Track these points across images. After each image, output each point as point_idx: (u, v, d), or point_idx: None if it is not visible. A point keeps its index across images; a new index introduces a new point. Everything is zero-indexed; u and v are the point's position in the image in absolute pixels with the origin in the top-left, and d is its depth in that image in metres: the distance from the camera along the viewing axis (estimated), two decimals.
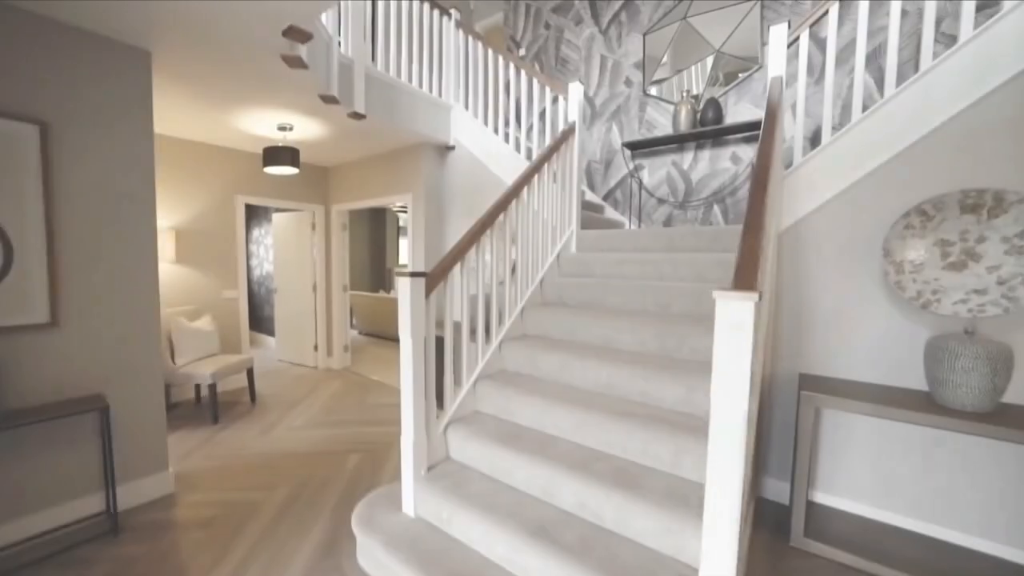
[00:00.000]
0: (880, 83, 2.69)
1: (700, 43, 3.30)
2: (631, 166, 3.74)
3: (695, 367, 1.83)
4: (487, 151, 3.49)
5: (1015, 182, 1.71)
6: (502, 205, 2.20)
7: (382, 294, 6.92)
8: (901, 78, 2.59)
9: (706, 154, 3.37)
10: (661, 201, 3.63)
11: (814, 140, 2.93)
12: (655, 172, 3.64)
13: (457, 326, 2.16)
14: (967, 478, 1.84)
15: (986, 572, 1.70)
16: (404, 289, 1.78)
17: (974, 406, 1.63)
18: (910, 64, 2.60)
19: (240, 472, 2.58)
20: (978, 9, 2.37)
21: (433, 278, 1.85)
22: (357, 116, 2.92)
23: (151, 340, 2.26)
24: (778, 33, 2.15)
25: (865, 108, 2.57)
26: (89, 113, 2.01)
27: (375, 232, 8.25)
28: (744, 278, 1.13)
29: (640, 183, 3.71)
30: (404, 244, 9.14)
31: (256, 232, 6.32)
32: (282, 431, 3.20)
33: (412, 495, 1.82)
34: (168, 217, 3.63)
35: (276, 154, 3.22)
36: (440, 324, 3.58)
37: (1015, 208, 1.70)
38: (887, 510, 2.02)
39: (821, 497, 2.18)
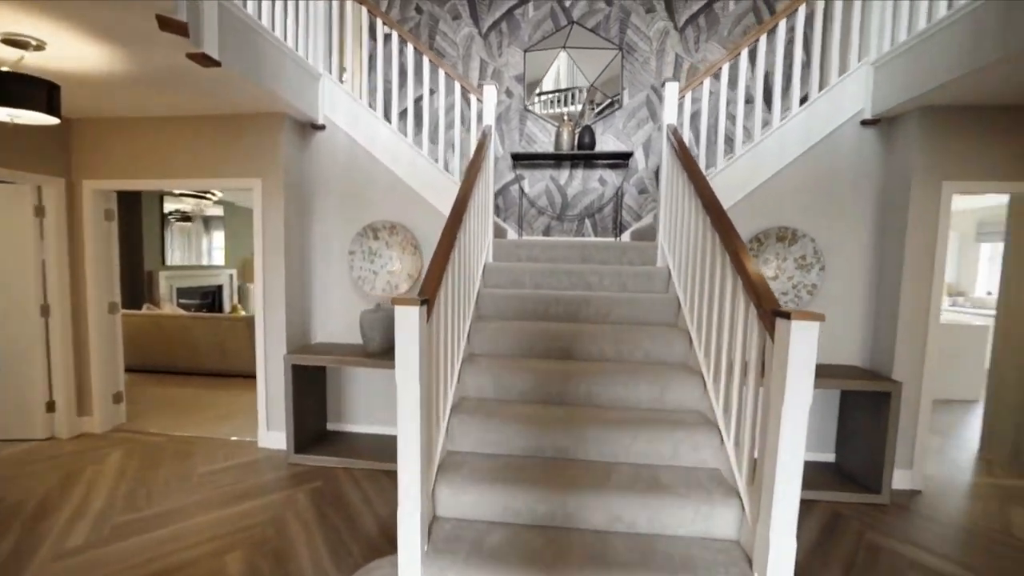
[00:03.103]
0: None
1: (576, 73, 3.71)
2: (515, 175, 3.88)
3: (657, 368, 2.12)
4: (372, 137, 2.97)
5: (800, 223, 2.69)
6: (458, 217, 1.95)
7: (150, 310, 4.89)
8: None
9: (580, 173, 3.83)
10: (541, 212, 3.91)
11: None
12: (535, 184, 3.90)
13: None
14: None
15: None
16: (408, 320, 1.38)
17: None
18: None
19: None
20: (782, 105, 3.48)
21: (431, 303, 1.50)
22: (207, 61, 1.98)
23: None
24: (671, 89, 2.67)
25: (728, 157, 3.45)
26: None
27: (126, 221, 5.69)
28: (770, 299, 1.43)
29: (523, 193, 3.90)
30: (169, 238, 6.66)
31: None
32: (50, 562, 1.90)
33: None
34: None
35: (10, 86, 1.84)
36: (308, 348, 2.81)
37: (801, 240, 2.67)
38: None
39: None
